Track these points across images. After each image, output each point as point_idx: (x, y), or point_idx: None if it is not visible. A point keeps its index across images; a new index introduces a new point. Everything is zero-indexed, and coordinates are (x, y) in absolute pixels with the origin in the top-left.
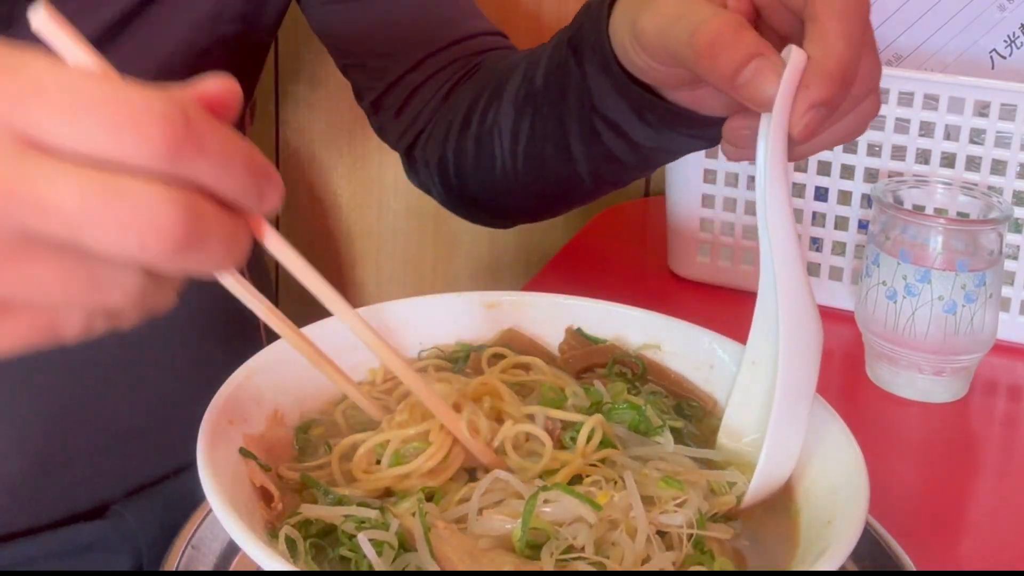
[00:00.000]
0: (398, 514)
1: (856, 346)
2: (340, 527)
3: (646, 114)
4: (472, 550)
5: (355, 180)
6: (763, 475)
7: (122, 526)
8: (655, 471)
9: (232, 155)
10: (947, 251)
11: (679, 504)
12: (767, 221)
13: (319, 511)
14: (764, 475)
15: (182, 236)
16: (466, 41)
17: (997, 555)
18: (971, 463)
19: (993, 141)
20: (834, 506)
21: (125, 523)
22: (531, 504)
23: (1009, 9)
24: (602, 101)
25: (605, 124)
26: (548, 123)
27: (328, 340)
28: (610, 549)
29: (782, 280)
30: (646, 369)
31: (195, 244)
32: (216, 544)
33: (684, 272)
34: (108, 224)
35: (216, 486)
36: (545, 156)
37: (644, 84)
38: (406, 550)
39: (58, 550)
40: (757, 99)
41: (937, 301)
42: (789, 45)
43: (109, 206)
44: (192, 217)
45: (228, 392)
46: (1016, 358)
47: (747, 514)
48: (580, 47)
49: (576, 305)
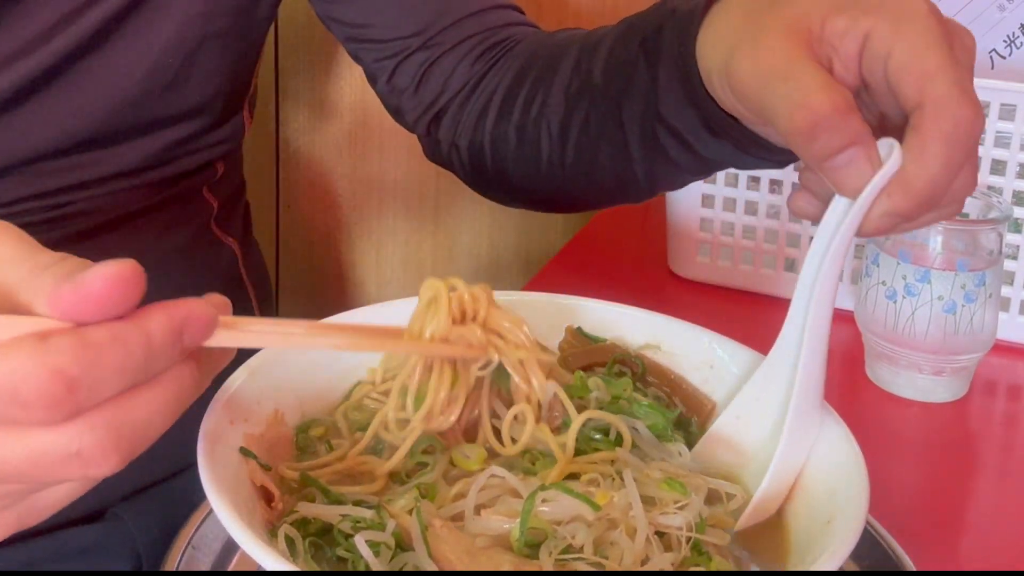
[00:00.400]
0: (394, 513)
1: (856, 346)
2: (337, 526)
3: (718, 131)
4: (470, 548)
5: (355, 180)
6: (759, 504)
7: (120, 529)
8: (657, 472)
9: (126, 367)
10: (947, 251)
11: (680, 507)
12: (813, 292)
13: (316, 510)
14: (760, 504)
15: (106, 457)
16: (479, 15)
17: (997, 555)
18: (971, 463)
19: (993, 141)
20: (834, 506)
21: (123, 526)
22: (529, 504)
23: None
24: (670, 110)
25: (668, 132)
26: (605, 121)
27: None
28: (609, 549)
29: (807, 352)
30: (646, 369)
31: (124, 449)
32: (216, 544)
33: (684, 272)
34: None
35: (216, 486)
36: (599, 153)
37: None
38: (403, 549)
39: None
40: (844, 187)
41: (937, 301)
42: (891, 141)
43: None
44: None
45: (229, 392)
46: (1016, 358)
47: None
48: (657, 52)
49: (576, 305)
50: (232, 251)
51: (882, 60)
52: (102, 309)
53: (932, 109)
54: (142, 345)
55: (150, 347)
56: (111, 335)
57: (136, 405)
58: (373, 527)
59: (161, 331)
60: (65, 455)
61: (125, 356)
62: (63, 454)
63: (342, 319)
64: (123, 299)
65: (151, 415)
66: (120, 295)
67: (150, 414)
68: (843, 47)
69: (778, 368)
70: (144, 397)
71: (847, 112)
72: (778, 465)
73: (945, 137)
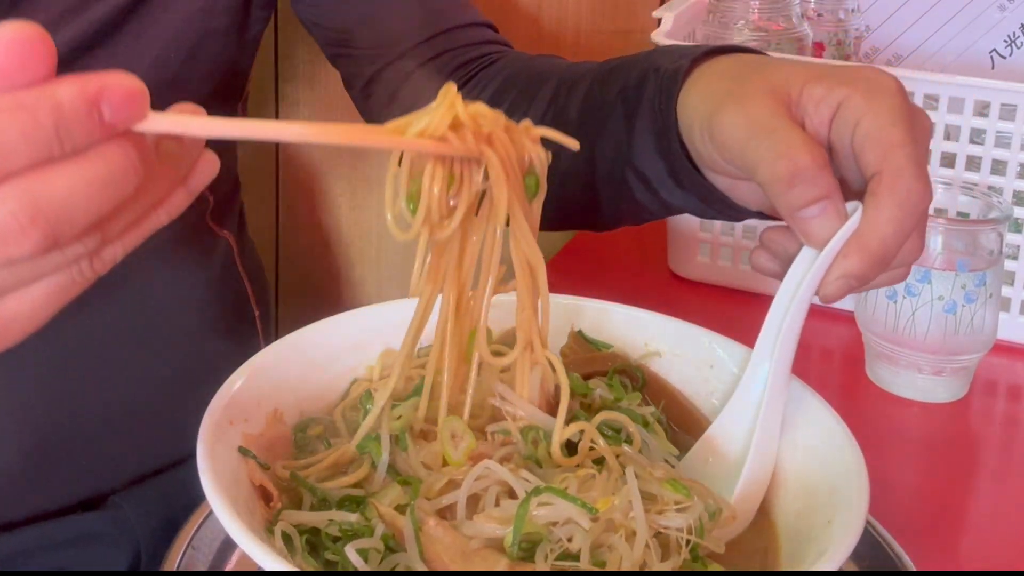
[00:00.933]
0: (383, 511)
1: (856, 346)
2: (324, 530)
3: (683, 181)
4: (464, 550)
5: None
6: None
7: (120, 516)
8: (660, 471)
9: (32, 134)
10: (947, 251)
11: (681, 508)
12: (778, 341)
13: (301, 516)
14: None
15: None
16: (457, 31)
17: (997, 555)
18: (971, 463)
19: (993, 141)
20: (834, 506)
21: (123, 513)
22: (523, 510)
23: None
24: (642, 158)
25: (637, 177)
26: (576, 157)
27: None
28: (606, 553)
29: (771, 393)
30: (646, 382)
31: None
32: (216, 543)
33: (684, 272)
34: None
35: (216, 486)
36: (566, 187)
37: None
38: (393, 551)
39: (55, 541)
40: (812, 236)
41: (937, 301)
42: (856, 203)
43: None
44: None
45: (229, 392)
46: (1016, 358)
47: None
48: (636, 102)
49: (576, 305)
50: (228, 244)
51: (851, 127)
52: (4, 77)
53: (889, 177)
54: (49, 111)
55: (60, 114)
56: (13, 100)
57: (53, 178)
58: (360, 532)
59: (71, 97)
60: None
61: (30, 121)
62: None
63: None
64: (26, 64)
65: (72, 192)
66: (20, 59)
67: (71, 191)
68: (818, 112)
69: (745, 401)
70: (62, 171)
71: (824, 167)
72: (746, 479)
73: (899, 203)
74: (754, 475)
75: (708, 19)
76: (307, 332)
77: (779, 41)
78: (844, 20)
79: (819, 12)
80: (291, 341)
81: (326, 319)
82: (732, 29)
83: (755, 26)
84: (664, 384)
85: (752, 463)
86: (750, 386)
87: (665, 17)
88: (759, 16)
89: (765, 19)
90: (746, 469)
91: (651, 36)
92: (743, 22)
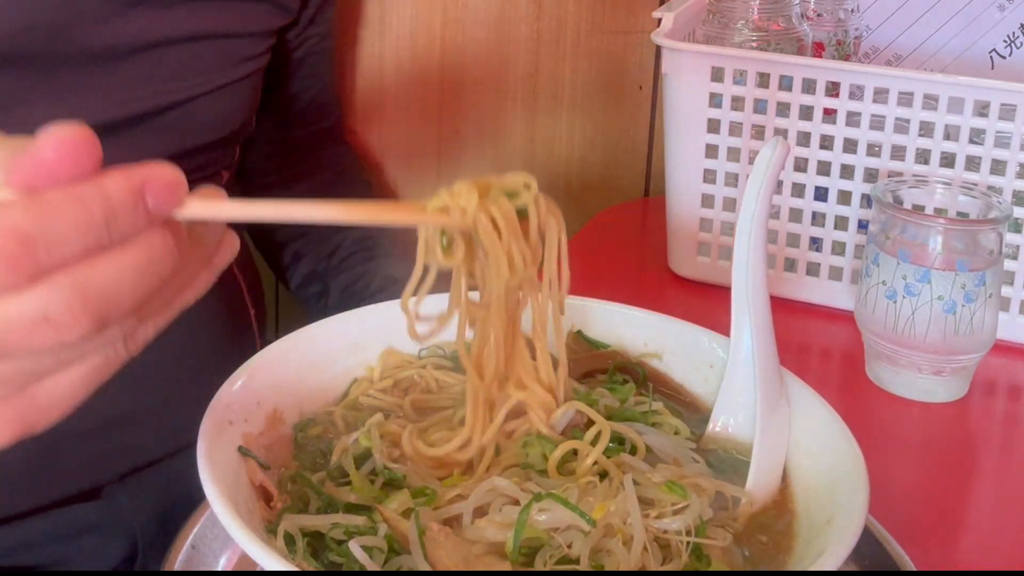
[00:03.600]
0: (387, 516)
1: (856, 346)
2: (328, 534)
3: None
4: (467, 555)
5: None
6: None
7: (116, 508)
8: (659, 476)
9: (84, 225)
10: (947, 251)
11: (678, 510)
12: (748, 281)
13: (305, 520)
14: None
15: (83, 323)
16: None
17: (997, 555)
18: (971, 463)
19: (993, 141)
20: (834, 506)
21: (119, 505)
22: (524, 515)
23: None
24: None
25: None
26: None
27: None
28: (605, 558)
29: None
30: (647, 377)
31: (101, 315)
32: (216, 543)
33: (684, 272)
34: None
35: (216, 485)
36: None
37: None
38: (396, 552)
39: (53, 533)
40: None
41: (937, 301)
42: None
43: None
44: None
45: (229, 393)
46: (1016, 358)
47: (746, 522)
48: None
49: (576, 305)
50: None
51: None
52: (56, 174)
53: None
54: (99, 203)
55: (109, 206)
56: (65, 194)
57: (102, 267)
58: (364, 532)
59: (119, 190)
60: (34, 319)
61: (82, 213)
62: (32, 318)
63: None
64: (76, 163)
65: (119, 279)
66: (72, 159)
67: (118, 278)
68: None
69: (739, 360)
70: (110, 260)
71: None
72: (761, 442)
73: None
74: (768, 439)
75: (708, 19)
76: (307, 332)
77: (779, 41)
78: (844, 20)
79: (819, 12)
80: (291, 341)
81: (326, 319)
82: (732, 29)
83: (755, 26)
84: (665, 379)
85: (762, 417)
86: (739, 345)
87: (665, 17)
88: (759, 16)
89: (765, 19)
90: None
91: (651, 36)
92: (743, 22)
